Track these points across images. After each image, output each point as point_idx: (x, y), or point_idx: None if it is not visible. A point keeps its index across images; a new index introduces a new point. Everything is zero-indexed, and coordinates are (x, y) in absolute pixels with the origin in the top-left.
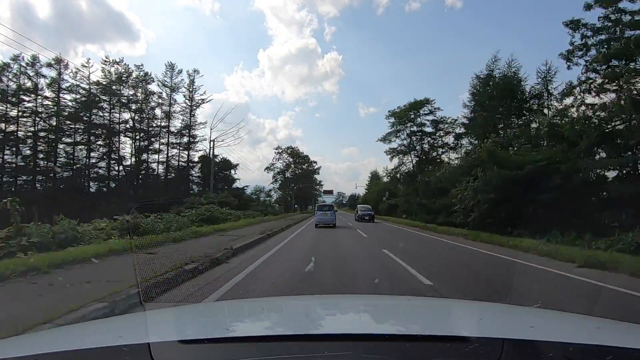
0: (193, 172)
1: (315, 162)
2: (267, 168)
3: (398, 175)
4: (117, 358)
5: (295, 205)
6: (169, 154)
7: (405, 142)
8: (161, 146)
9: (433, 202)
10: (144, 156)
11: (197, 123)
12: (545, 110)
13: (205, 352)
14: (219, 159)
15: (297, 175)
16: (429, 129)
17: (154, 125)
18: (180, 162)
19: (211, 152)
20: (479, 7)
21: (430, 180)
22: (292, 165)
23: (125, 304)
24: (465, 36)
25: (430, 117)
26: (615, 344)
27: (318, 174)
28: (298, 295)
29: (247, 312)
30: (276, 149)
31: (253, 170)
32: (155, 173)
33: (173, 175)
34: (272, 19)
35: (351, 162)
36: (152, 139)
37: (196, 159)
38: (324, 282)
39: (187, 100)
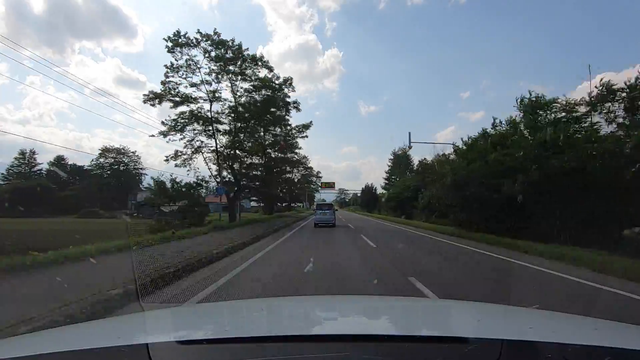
0: None
1: (292, 85)
2: (147, 98)
3: None
4: (115, 358)
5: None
6: None
7: None
8: None
9: None
10: None
11: None
12: None
13: (204, 352)
14: None
15: (244, 117)
16: None
17: None
18: None
19: None
20: (483, 1)
21: None
22: (224, 78)
23: None
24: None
25: None
26: (613, 344)
27: (303, 134)
28: (296, 295)
29: (246, 312)
30: (167, 39)
31: None
32: None
33: None
34: (272, 14)
35: (351, 161)
36: None
37: None
38: None
39: None
